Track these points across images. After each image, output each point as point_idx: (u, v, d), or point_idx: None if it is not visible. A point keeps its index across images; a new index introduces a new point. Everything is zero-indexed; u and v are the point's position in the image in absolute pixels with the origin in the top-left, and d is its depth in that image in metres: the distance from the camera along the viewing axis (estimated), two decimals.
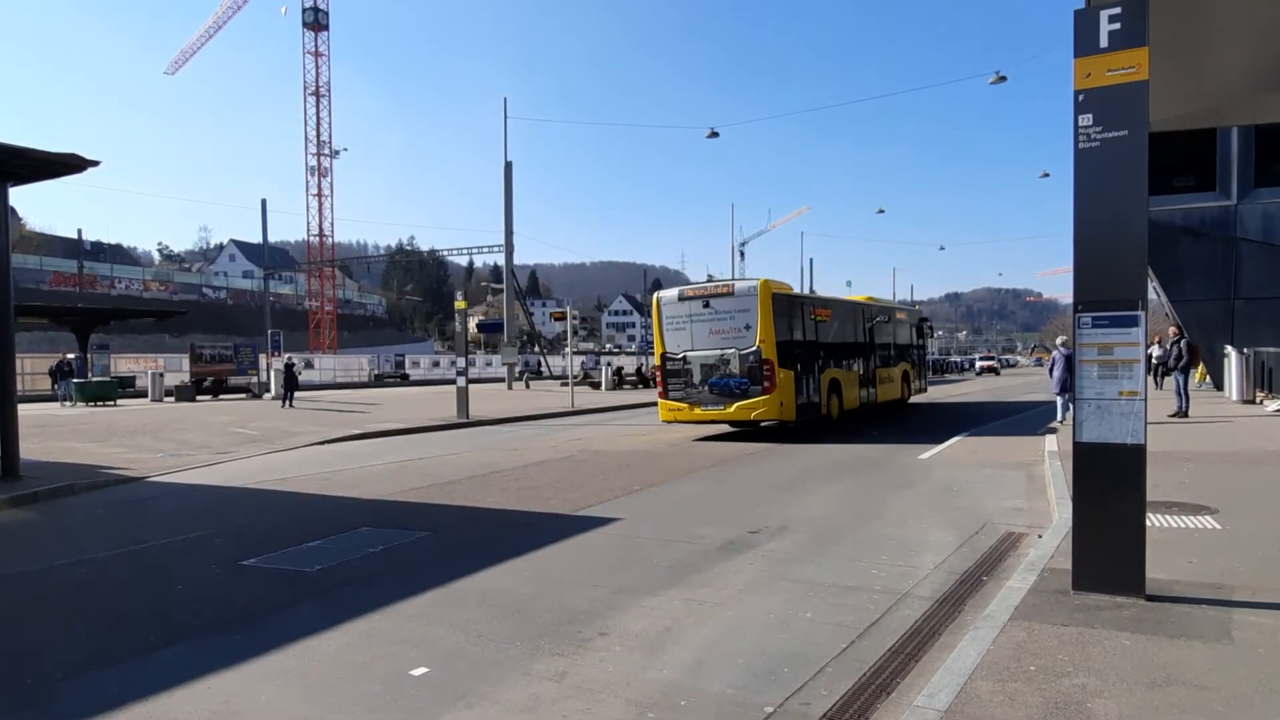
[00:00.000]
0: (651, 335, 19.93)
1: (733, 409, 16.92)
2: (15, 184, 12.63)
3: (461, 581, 6.60)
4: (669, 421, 18.34)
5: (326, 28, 75.39)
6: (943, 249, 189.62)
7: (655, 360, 19.04)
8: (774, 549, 7.41)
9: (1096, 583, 5.30)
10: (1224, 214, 23.95)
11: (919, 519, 8.64)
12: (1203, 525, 7.39)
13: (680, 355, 17.72)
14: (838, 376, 19.78)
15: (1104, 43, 5.21)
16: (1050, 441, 14.33)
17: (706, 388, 17.24)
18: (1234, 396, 21.73)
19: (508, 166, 36.47)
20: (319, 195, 76.82)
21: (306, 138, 75.98)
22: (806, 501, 9.87)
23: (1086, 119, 5.25)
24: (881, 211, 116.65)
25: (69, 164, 12.17)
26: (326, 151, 76.54)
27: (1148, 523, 5.34)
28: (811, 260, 65.63)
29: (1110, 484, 5.22)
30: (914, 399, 26.63)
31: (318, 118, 75.73)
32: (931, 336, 35.56)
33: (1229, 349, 22.67)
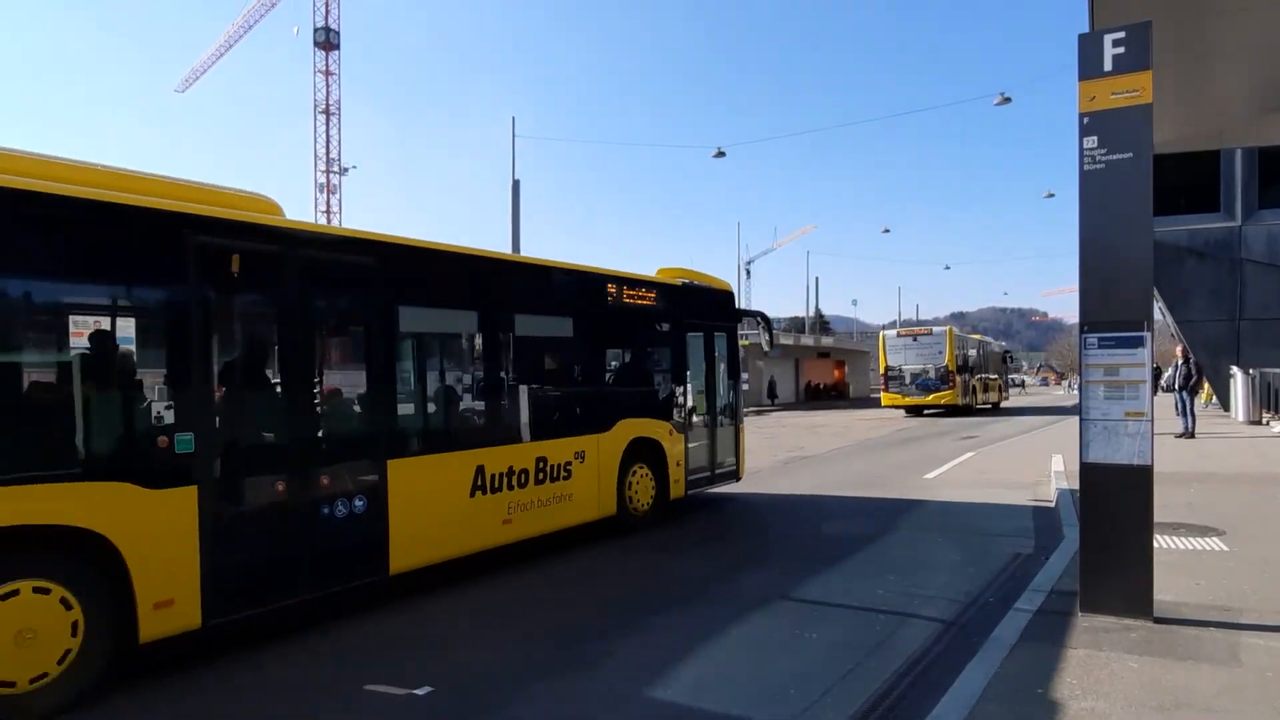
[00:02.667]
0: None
1: (930, 398, 30.35)
2: None
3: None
4: (888, 405, 32.19)
5: (337, 47, 76.06)
6: (948, 268, 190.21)
7: (881, 370, 32.58)
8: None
9: (1104, 605, 5.28)
10: (1228, 235, 23.94)
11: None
12: (1210, 547, 7.35)
13: (898, 367, 31.25)
14: (988, 382, 35.70)
15: (1108, 66, 5.25)
16: (1056, 461, 14.30)
17: (915, 384, 30.69)
18: (1240, 417, 21.65)
19: (515, 184, 36.56)
20: (328, 212, 77.14)
21: (316, 155, 76.38)
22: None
23: (1091, 141, 5.28)
24: (887, 231, 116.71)
25: None
26: (336, 169, 77.01)
27: (1155, 544, 5.32)
28: (818, 279, 66.08)
29: (1117, 505, 5.21)
30: (1004, 404, 39.74)
31: (327, 135, 76.18)
32: None
33: (1235, 370, 22.62)
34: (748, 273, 46.78)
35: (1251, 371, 21.32)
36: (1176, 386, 18.49)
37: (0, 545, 4.30)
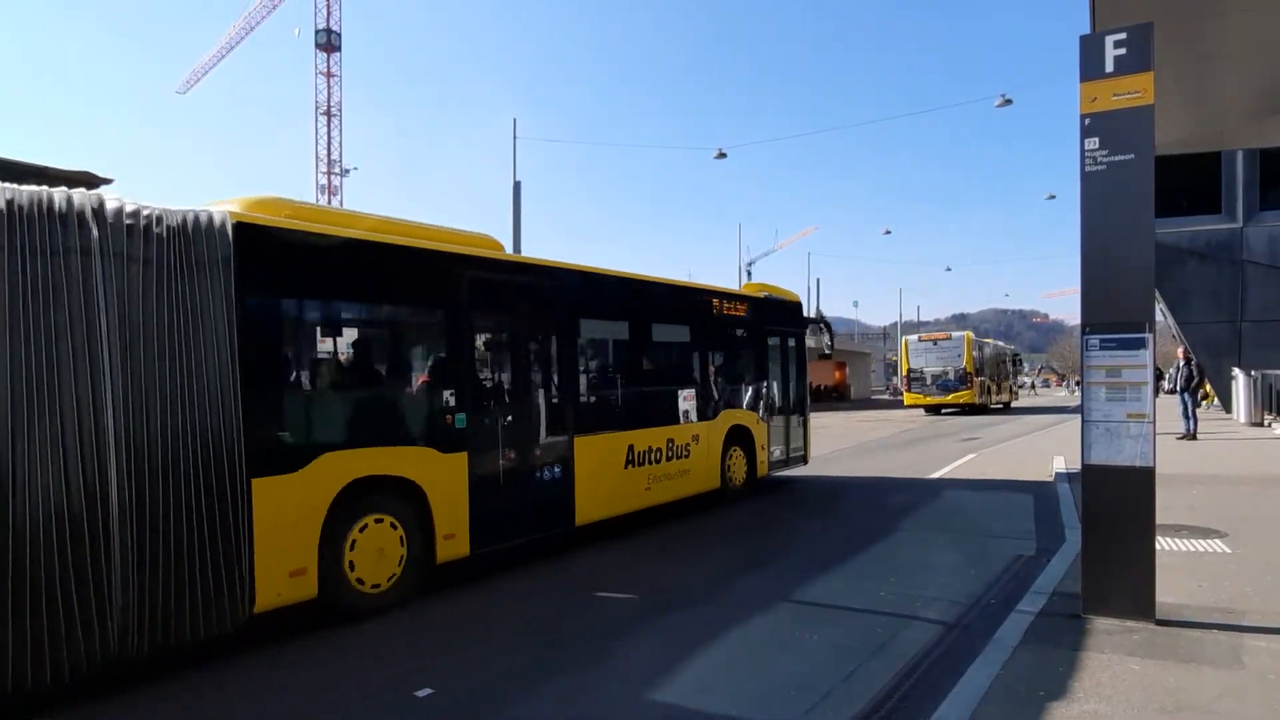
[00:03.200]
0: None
1: (950, 397, 32.69)
2: None
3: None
4: (910, 405, 34.73)
5: (339, 49, 76.12)
6: (949, 270, 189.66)
7: (903, 372, 35.22)
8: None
9: (1106, 607, 5.28)
10: (1230, 236, 23.93)
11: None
12: (1212, 549, 7.34)
13: (920, 369, 33.71)
14: (1000, 384, 37.87)
15: (1109, 68, 5.25)
16: (1058, 462, 14.29)
17: (936, 384, 33.00)
18: (1242, 419, 21.64)
19: (516, 186, 36.56)
20: None
21: (317, 156, 76.45)
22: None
23: (1093, 143, 5.28)
24: (888, 232, 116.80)
25: (83, 182, 12.28)
26: (337, 170, 77.03)
27: (1156, 546, 5.31)
28: (819, 280, 65.94)
29: (1119, 507, 5.21)
30: (1014, 404, 42.47)
31: (328, 137, 76.22)
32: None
33: (1236, 371, 22.60)
34: (749, 273, 46.74)
35: (1253, 373, 21.30)
36: (1178, 388, 18.48)
37: (366, 490, 6.25)
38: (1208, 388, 25.90)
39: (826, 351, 15.11)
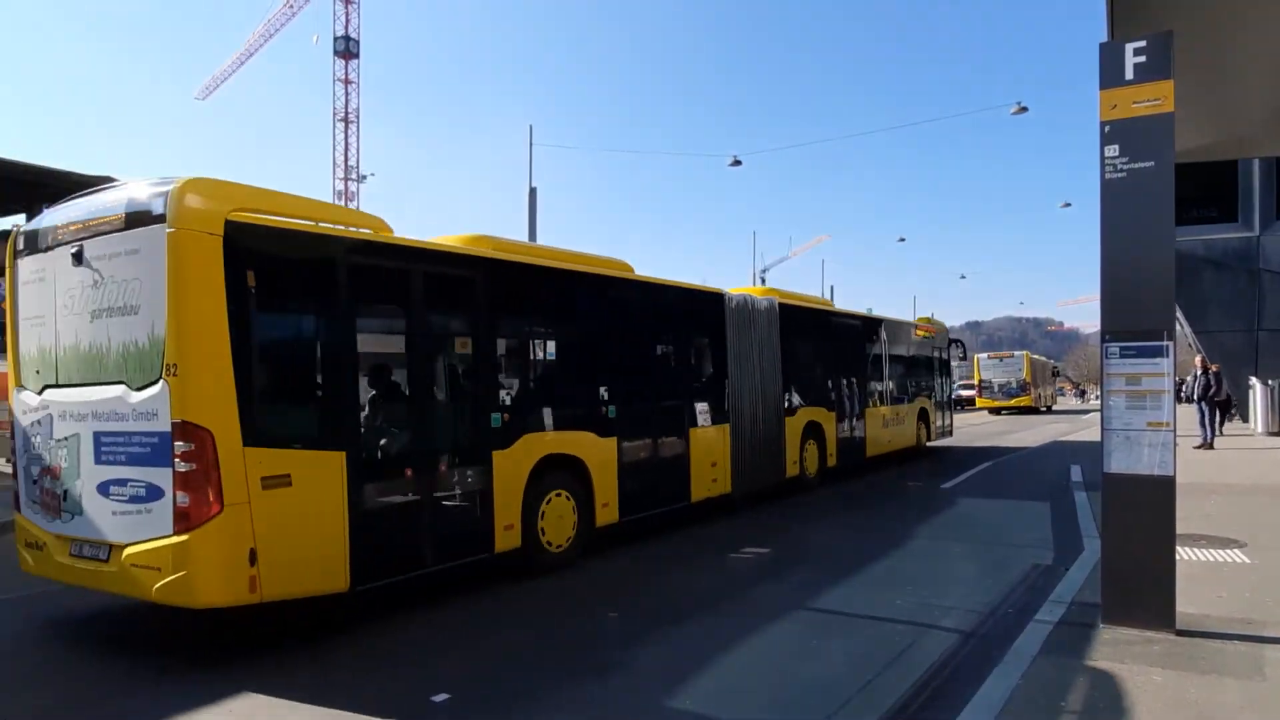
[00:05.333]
0: None
1: (1013, 401, 41.44)
2: (51, 205, 12.86)
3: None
4: (980, 407, 42.81)
5: (357, 56, 76.59)
6: (964, 278, 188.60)
7: (975, 381, 43.65)
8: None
9: (1126, 617, 5.24)
10: (1246, 245, 23.74)
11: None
12: (1231, 559, 7.28)
13: (989, 380, 42.45)
14: (1047, 391, 48.47)
15: (1129, 75, 5.23)
16: (1075, 472, 14.21)
17: (1001, 391, 41.80)
18: (1259, 428, 21.44)
19: (532, 192, 36.63)
20: None
21: (335, 162, 76.87)
22: None
23: (1112, 150, 5.26)
24: (902, 240, 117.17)
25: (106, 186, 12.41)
26: (354, 176, 77.41)
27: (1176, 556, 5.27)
28: (833, 287, 66.07)
29: (1139, 516, 5.17)
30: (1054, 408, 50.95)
31: (346, 143, 76.67)
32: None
33: (1254, 380, 22.40)
34: (762, 280, 46.64)
35: (1270, 382, 21.11)
36: (1196, 397, 18.33)
37: (551, 466, 7.86)
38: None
39: (959, 361, 23.25)
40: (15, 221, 12.99)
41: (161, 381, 5.23)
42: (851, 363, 14.87)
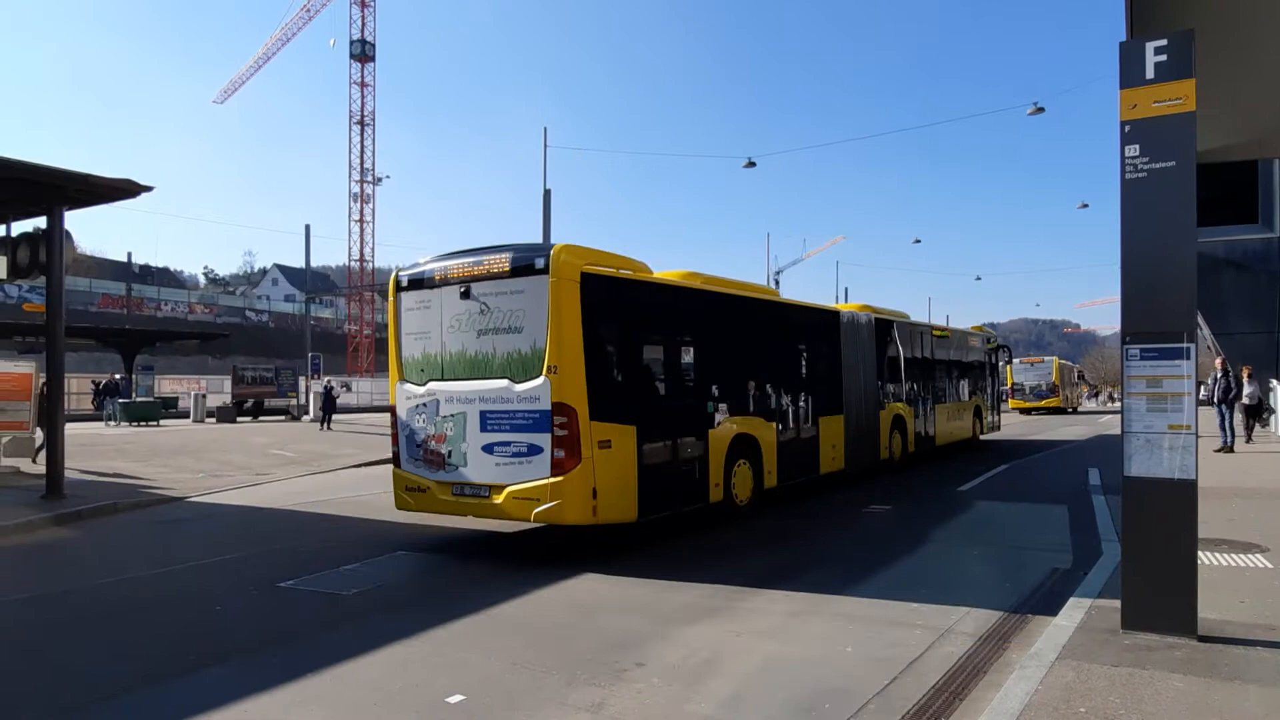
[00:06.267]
0: None
1: (1042, 403, 44.04)
2: (71, 208, 13.00)
3: (497, 608, 6.60)
4: (1014, 408, 43.70)
5: (373, 59, 77.01)
6: (979, 279, 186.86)
7: (1009, 384, 42.59)
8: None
9: (1147, 622, 5.17)
10: (1266, 247, 23.49)
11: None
12: (1254, 564, 7.19)
13: (1021, 383, 44.53)
14: (1072, 393, 49.71)
15: (1150, 74, 5.18)
16: (1093, 475, 14.08)
17: (1032, 393, 44.50)
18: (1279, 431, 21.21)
19: (546, 194, 36.76)
20: (360, 221, 77.92)
21: (350, 165, 77.23)
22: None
23: (1133, 150, 5.20)
24: (918, 241, 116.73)
25: (125, 189, 12.52)
26: (369, 179, 77.79)
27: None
28: (847, 290, 65.84)
29: (1160, 520, 5.11)
30: (1080, 409, 52.71)
31: (361, 146, 77.05)
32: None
33: (1275, 384, 22.15)
34: (776, 282, 46.59)
35: None
36: (1216, 399, 18.15)
37: (739, 441, 10.47)
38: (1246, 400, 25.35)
39: (1005, 364, 27.41)
40: (35, 224, 13.10)
41: (543, 377, 8.06)
42: (924, 366, 17.64)
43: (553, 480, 7.93)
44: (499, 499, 8.29)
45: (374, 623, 6.31)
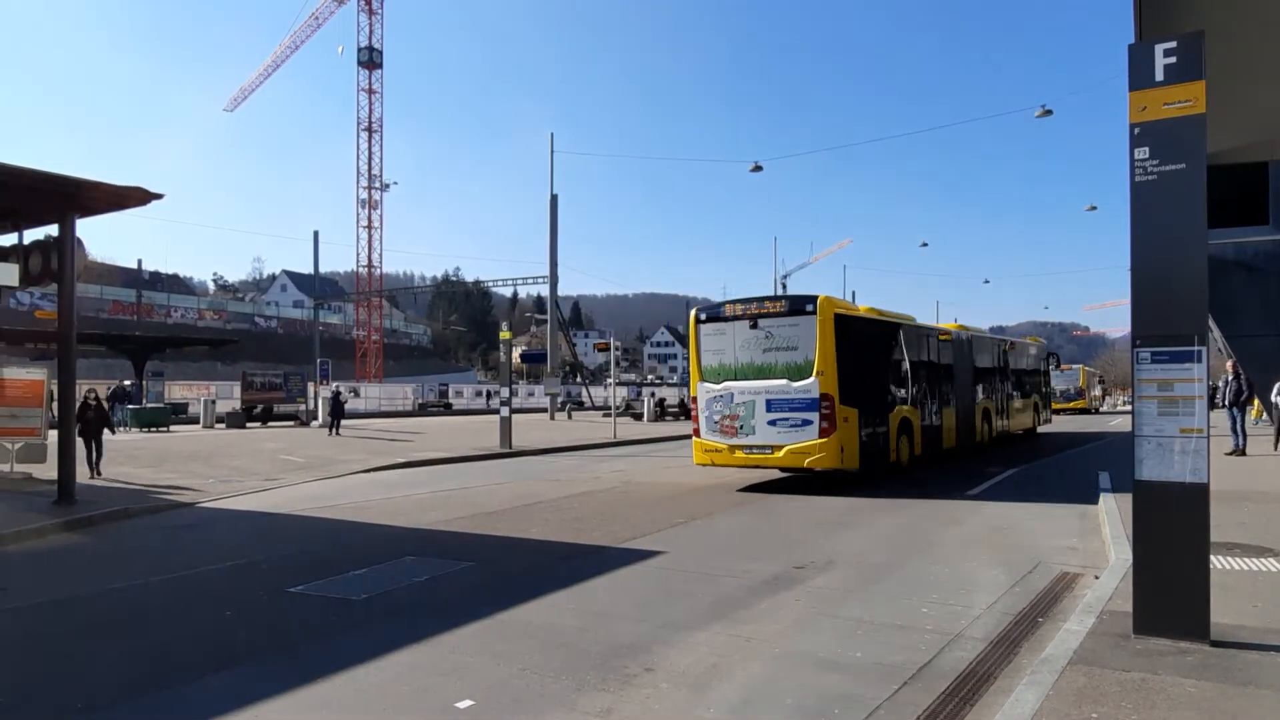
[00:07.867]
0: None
1: (1070, 404, 49.58)
2: (82, 215, 13.07)
3: (506, 613, 6.59)
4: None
5: (380, 66, 77.36)
6: (987, 282, 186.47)
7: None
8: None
9: (1159, 626, 5.14)
10: (1278, 249, 23.30)
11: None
12: (1266, 568, 7.14)
13: (1052, 386, 44.54)
14: (1093, 396, 57.41)
15: (1160, 76, 5.16)
16: (1103, 479, 14.00)
17: (1062, 396, 45.72)
18: None
19: (553, 199, 36.76)
20: (369, 227, 78.27)
21: (359, 171, 77.58)
22: None
23: (1143, 152, 5.19)
24: (925, 245, 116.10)
25: (135, 197, 12.58)
26: (377, 185, 78.10)
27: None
28: (854, 293, 65.69)
29: (1172, 524, 5.08)
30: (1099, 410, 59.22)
31: (369, 152, 77.42)
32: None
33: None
34: (784, 286, 46.59)
35: None
36: (1227, 402, 18.03)
37: (902, 422, 15.85)
38: (1256, 404, 25.21)
39: (1057, 370, 33.67)
40: (47, 232, 13.14)
41: (813, 378, 13.24)
42: (999, 370, 22.96)
43: (819, 440, 13.15)
44: (779, 454, 13.52)
45: (383, 628, 6.32)
